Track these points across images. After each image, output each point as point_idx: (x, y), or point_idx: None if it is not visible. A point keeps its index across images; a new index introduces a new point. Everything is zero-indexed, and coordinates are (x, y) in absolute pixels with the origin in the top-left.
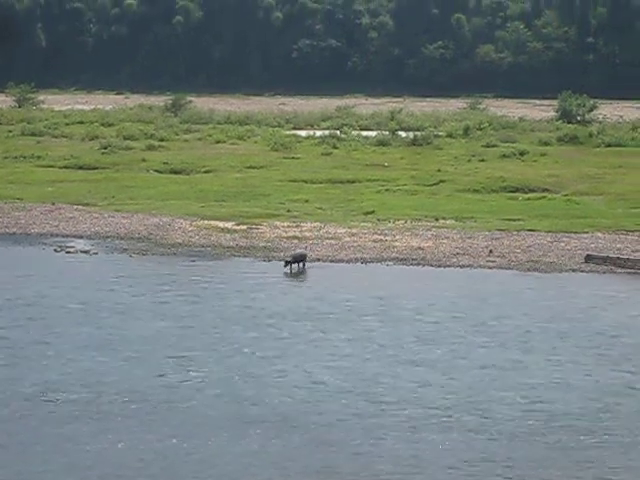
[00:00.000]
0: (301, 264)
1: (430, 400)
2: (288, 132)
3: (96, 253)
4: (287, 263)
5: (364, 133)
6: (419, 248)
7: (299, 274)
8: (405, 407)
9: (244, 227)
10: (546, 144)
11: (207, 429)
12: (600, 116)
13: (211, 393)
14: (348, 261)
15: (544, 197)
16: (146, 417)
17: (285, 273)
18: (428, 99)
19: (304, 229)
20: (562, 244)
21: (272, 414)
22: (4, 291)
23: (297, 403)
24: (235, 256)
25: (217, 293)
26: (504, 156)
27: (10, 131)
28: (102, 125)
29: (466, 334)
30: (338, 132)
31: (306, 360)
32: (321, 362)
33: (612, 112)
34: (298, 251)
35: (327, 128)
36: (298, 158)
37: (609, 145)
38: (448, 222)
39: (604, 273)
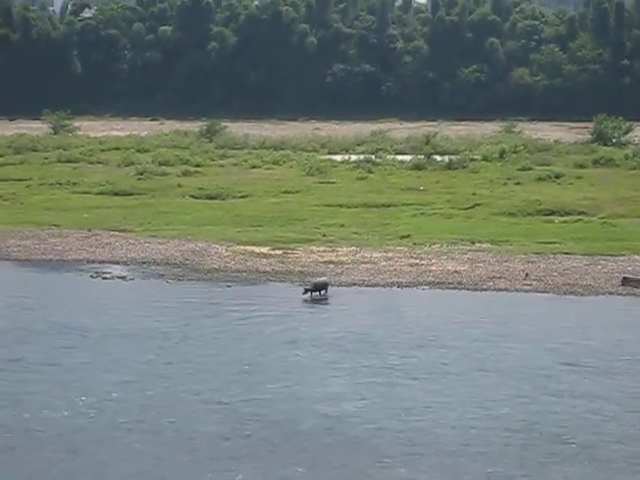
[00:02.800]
0: (323, 292)
1: (596, 433)
2: (323, 157)
3: (132, 279)
4: (306, 291)
5: (399, 157)
6: (455, 272)
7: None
8: (567, 440)
9: (280, 252)
10: (582, 167)
11: (338, 459)
12: (636, 138)
13: (372, 426)
14: (384, 285)
15: (580, 220)
16: (282, 447)
17: (306, 299)
18: (463, 123)
19: (340, 254)
20: (599, 267)
21: (427, 446)
22: (122, 324)
23: (457, 436)
24: (271, 281)
25: (302, 320)
26: (540, 179)
27: (46, 158)
28: (138, 151)
29: (604, 362)
30: (373, 156)
31: (450, 391)
32: (468, 393)
33: None
34: (320, 279)
35: (362, 152)
36: (333, 183)
37: None
38: (484, 245)
39: None
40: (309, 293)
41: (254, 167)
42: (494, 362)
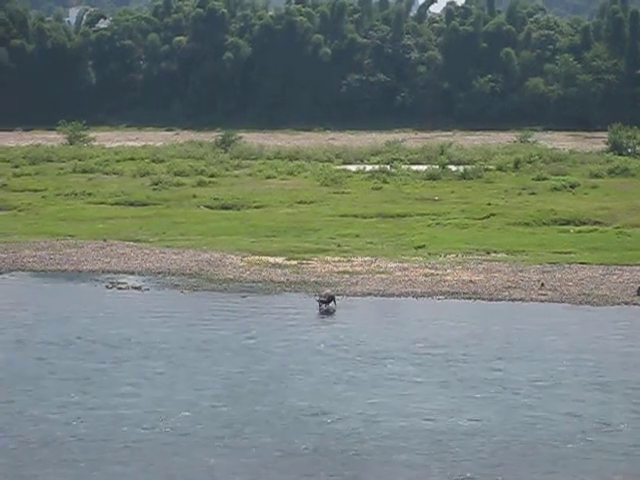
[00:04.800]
0: (331, 303)
1: None
2: (338, 167)
3: (147, 289)
4: (322, 302)
5: (414, 167)
6: (470, 282)
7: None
8: None
9: (295, 262)
10: (597, 176)
11: (416, 474)
12: None
13: (475, 441)
14: (399, 295)
15: (595, 230)
16: (367, 463)
17: (321, 312)
18: (478, 133)
19: (355, 264)
20: (614, 277)
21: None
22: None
23: (555, 452)
24: (286, 291)
25: (350, 331)
26: (555, 189)
27: (62, 168)
28: (153, 161)
29: None
30: (388, 167)
31: (558, 405)
32: (582, 408)
33: None
34: (327, 291)
35: (377, 163)
36: (348, 193)
37: None
38: (499, 255)
39: None
40: (324, 305)
41: (269, 177)
42: (594, 375)
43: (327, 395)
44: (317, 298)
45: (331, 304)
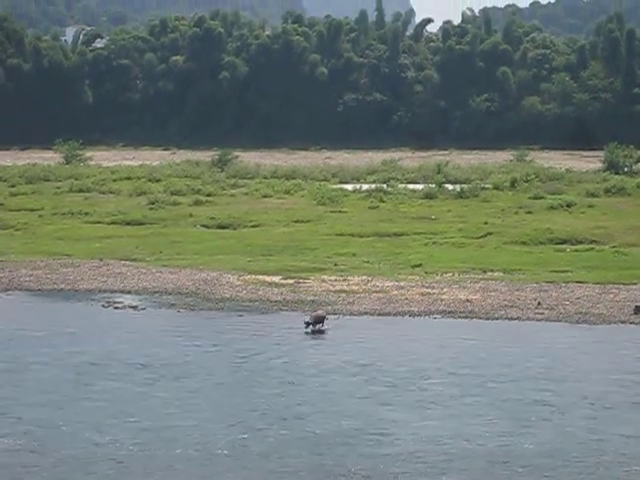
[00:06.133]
0: (321, 325)
1: None
2: (334, 186)
3: (144, 308)
4: (307, 324)
5: (410, 186)
6: (467, 301)
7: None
8: None
9: (291, 281)
10: (593, 195)
11: None
12: None
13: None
14: (396, 314)
15: (592, 249)
16: None
17: (306, 332)
18: (474, 152)
19: (351, 283)
20: (611, 295)
21: None
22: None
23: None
24: (283, 310)
25: (372, 351)
26: (551, 208)
27: (58, 188)
28: (149, 181)
29: None
30: (384, 186)
31: (623, 427)
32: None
33: None
34: (318, 312)
35: (373, 182)
36: (345, 212)
37: None
38: (496, 274)
39: None
40: (311, 326)
41: (265, 196)
42: (630, 394)
43: (375, 416)
44: (306, 319)
45: (320, 325)
